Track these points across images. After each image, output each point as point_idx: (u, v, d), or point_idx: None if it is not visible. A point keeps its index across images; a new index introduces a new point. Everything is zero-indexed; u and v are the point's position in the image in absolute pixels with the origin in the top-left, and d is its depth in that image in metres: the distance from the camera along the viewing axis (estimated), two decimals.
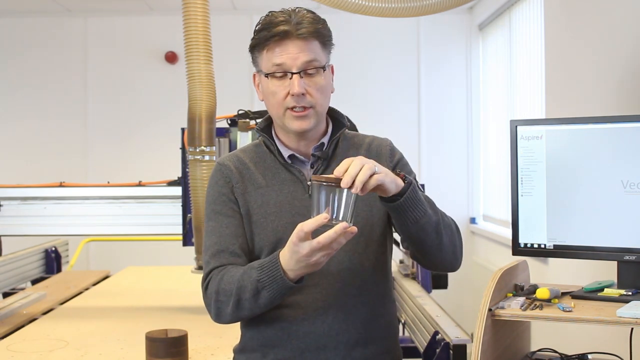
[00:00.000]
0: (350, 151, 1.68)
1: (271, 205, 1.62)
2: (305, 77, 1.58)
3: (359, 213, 1.55)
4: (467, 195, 6.09)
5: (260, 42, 1.61)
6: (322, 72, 1.60)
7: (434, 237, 1.56)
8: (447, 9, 3.37)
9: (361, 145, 1.70)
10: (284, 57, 1.58)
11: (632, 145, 1.76)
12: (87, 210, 3.23)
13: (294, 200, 1.62)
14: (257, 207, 1.63)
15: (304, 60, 1.57)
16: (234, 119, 2.98)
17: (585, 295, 1.74)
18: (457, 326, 2.39)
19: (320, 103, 1.61)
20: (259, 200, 1.63)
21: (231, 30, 6.06)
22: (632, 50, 2.88)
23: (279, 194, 1.63)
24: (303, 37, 1.57)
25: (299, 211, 1.60)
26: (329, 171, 1.63)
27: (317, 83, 1.60)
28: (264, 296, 1.51)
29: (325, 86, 1.61)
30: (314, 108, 1.60)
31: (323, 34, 1.61)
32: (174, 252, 4.19)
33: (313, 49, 1.59)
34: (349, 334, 1.60)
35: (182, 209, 3.09)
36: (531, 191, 1.89)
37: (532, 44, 4.50)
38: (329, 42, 1.64)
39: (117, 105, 6.24)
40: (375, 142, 1.72)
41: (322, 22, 1.63)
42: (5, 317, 2.80)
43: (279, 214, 1.61)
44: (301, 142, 1.65)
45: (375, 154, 1.67)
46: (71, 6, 6.06)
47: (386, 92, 6.13)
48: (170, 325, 2.44)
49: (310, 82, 1.59)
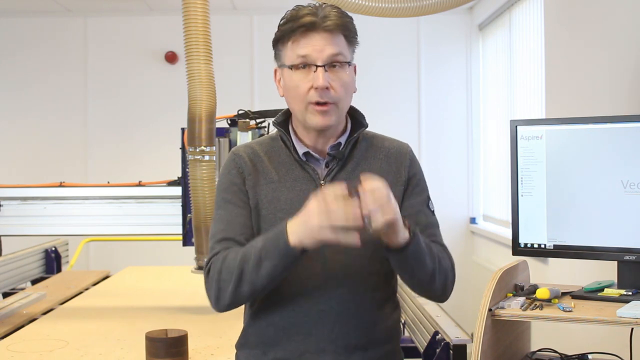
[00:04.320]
0: (368, 154, 1.65)
1: (281, 201, 1.60)
2: (330, 72, 1.55)
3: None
4: (467, 195, 6.09)
5: (286, 34, 1.57)
6: (347, 67, 1.57)
7: (425, 282, 1.57)
8: (447, 9, 3.37)
9: (380, 148, 1.67)
10: (309, 49, 1.54)
11: (632, 145, 1.76)
12: (87, 210, 3.23)
13: (304, 199, 1.56)
14: (267, 201, 1.61)
15: (330, 53, 1.54)
16: (234, 119, 2.98)
17: (585, 295, 1.74)
18: (457, 326, 2.39)
19: (343, 99, 1.58)
20: (270, 195, 1.61)
21: (231, 30, 6.06)
22: (632, 50, 2.88)
23: (291, 190, 1.61)
24: (329, 30, 1.54)
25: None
26: (343, 172, 1.61)
27: (342, 78, 1.56)
28: (266, 265, 1.47)
29: (349, 83, 1.58)
30: (337, 104, 1.57)
31: (350, 29, 1.59)
32: (174, 252, 4.19)
33: (339, 43, 1.56)
34: (349, 339, 1.59)
35: (182, 209, 3.09)
36: (531, 191, 1.89)
37: (532, 44, 4.50)
38: (355, 39, 1.61)
39: (117, 105, 6.24)
40: (396, 147, 1.68)
41: (349, 17, 1.61)
42: (5, 317, 2.80)
43: (288, 211, 1.57)
44: (319, 139, 1.62)
45: (394, 160, 1.65)
46: (71, 6, 6.06)
47: (386, 92, 6.13)
48: (170, 325, 2.44)
49: (334, 77, 1.55)
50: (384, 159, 1.64)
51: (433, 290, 1.59)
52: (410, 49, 6.17)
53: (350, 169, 1.62)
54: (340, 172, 1.61)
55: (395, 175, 1.63)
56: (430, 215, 1.64)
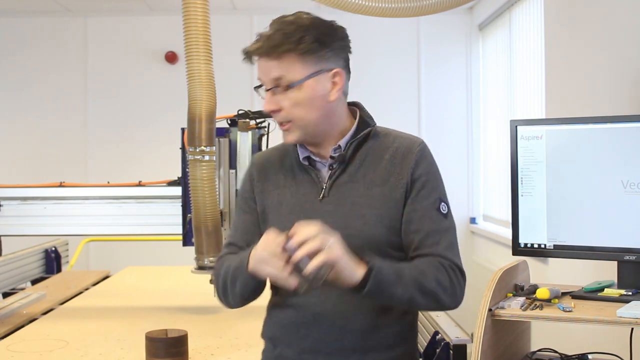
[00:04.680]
0: (374, 154, 1.62)
1: (284, 205, 1.63)
2: (278, 93, 1.57)
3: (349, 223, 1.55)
4: (467, 195, 6.09)
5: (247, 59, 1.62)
6: (297, 86, 1.54)
7: (407, 307, 1.57)
8: (447, 9, 3.37)
9: (388, 148, 1.62)
10: (260, 74, 1.58)
11: (632, 145, 1.76)
12: (87, 210, 3.22)
13: (305, 203, 1.61)
14: (272, 206, 1.65)
15: (272, 77, 1.55)
16: (234, 119, 2.98)
17: (585, 295, 1.74)
18: (457, 326, 2.39)
19: (300, 117, 1.57)
20: (275, 200, 1.65)
21: (231, 30, 6.06)
22: (632, 50, 2.88)
23: (294, 195, 1.63)
24: (268, 54, 1.54)
25: (307, 214, 1.58)
26: (345, 174, 1.60)
27: (292, 98, 1.55)
28: (239, 284, 1.58)
29: (303, 100, 1.55)
30: (293, 122, 1.57)
31: (294, 48, 1.53)
32: (174, 252, 4.18)
33: (283, 65, 1.54)
34: (345, 342, 1.59)
35: (182, 209, 3.08)
36: (531, 191, 1.89)
37: (532, 44, 4.50)
38: (313, 51, 1.55)
39: (117, 105, 6.24)
40: (404, 146, 1.62)
41: (295, 33, 1.54)
42: (5, 317, 2.80)
43: (289, 215, 1.60)
44: (319, 144, 1.64)
45: (399, 161, 1.60)
46: (71, 6, 6.06)
47: (386, 92, 6.13)
48: (170, 325, 2.44)
49: (284, 98, 1.56)
50: (389, 160, 1.61)
51: (424, 309, 1.57)
52: (410, 49, 6.17)
53: (353, 170, 1.61)
54: (342, 175, 1.61)
55: (397, 177, 1.59)
56: (438, 219, 1.58)
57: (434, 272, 1.53)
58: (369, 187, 1.59)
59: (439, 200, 1.60)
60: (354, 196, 1.59)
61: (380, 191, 1.58)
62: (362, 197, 1.58)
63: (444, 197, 1.61)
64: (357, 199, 1.59)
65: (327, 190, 1.61)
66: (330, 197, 1.60)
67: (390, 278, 1.48)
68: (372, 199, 1.58)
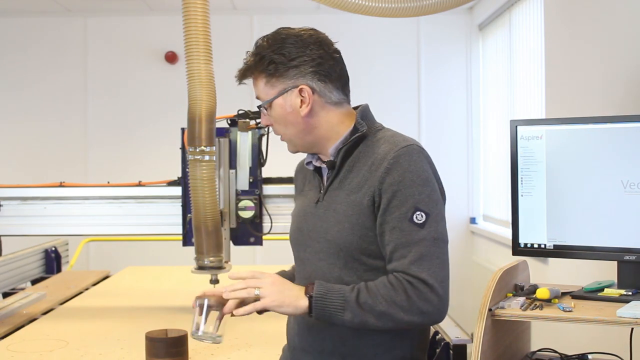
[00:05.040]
0: (360, 161, 1.62)
1: (296, 210, 1.76)
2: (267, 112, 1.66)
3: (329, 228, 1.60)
4: (467, 195, 6.09)
5: None
6: (272, 104, 1.63)
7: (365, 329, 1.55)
8: (447, 9, 3.37)
9: (372, 155, 1.61)
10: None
11: (632, 145, 1.76)
12: (87, 210, 3.22)
13: (307, 207, 1.70)
14: (293, 210, 1.79)
15: (256, 97, 1.66)
16: (234, 119, 2.98)
17: (585, 295, 1.74)
18: (457, 326, 2.39)
19: (283, 132, 1.67)
20: (295, 204, 1.79)
21: (231, 30, 6.06)
22: (633, 50, 2.88)
23: (304, 200, 1.73)
24: (243, 77, 1.66)
25: (305, 217, 1.68)
26: (336, 181, 1.65)
27: (272, 116, 1.65)
28: None
29: (277, 117, 1.64)
30: (282, 136, 1.68)
31: (258, 70, 1.62)
32: (174, 252, 4.18)
33: (257, 85, 1.65)
34: (324, 344, 1.62)
35: (182, 209, 3.08)
36: (531, 191, 1.89)
37: (532, 44, 4.50)
38: (277, 71, 1.59)
39: (117, 105, 6.24)
40: (383, 153, 1.58)
41: (259, 55, 1.61)
42: (5, 317, 2.80)
43: (294, 217, 1.75)
44: (320, 152, 1.70)
45: (375, 168, 1.57)
46: (71, 6, 6.06)
47: (386, 92, 6.13)
48: (170, 325, 2.44)
49: (269, 116, 1.67)
50: (368, 168, 1.59)
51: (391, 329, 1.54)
52: (410, 49, 6.17)
53: (343, 176, 1.65)
54: (334, 180, 1.65)
55: (369, 184, 1.57)
56: (410, 230, 1.51)
57: (386, 292, 1.50)
58: (349, 193, 1.61)
59: (413, 209, 1.51)
60: (337, 202, 1.62)
61: (355, 198, 1.59)
62: (342, 204, 1.61)
63: (422, 206, 1.52)
64: (339, 205, 1.62)
65: (322, 195, 1.66)
66: (323, 202, 1.65)
67: (336, 303, 1.50)
68: (349, 206, 1.60)
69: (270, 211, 3.00)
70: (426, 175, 1.56)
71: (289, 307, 1.52)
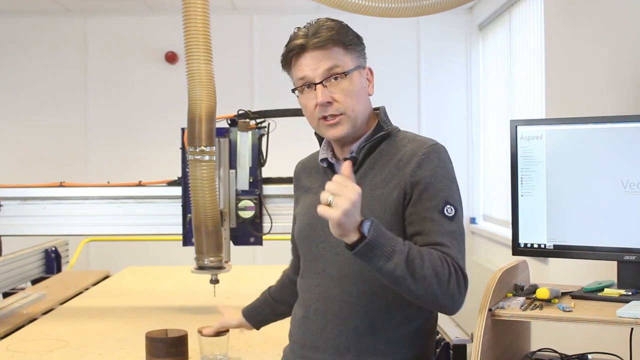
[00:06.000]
0: (383, 159, 1.64)
1: (305, 206, 1.73)
2: (330, 85, 1.60)
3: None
4: (467, 195, 6.08)
5: (285, 61, 1.66)
6: (346, 77, 1.60)
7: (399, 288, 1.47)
8: (447, 9, 3.37)
9: (397, 153, 1.64)
10: (305, 70, 1.61)
11: (632, 145, 1.76)
12: (87, 210, 3.22)
13: (313, 206, 1.59)
14: (299, 209, 1.77)
15: (324, 68, 1.59)
16: (234, 119, 2.98)
17: (585, 295, 1.74)
18: (457, 326, 2.39)
19: (352, 108, 1.61)
20: (301, 202, 1.77)
21: (231, 30, 6.06)
22: (633, 50, 2.88)
23: (313, 198, 1.70)
24: (319, 47, 1.59)
25: (314, 216, 1.58)
26: (355, 176, 1.55)
27: (344, 89, 1.60)
28: None
29: (354, 90, 1.61)
30: (345, 114, 1.61)
31: (342, 39, 1.61)
32: (174, 252, 4.19)
33: (333, 56, 1.60)
34: (340, 341, 1.60)
35: (182, 209, 3.08)
36: (531, 191, 1.89)
37: (532, 44, 4.50)
38: (354, 45, 1.64)
39: (117, 105, 6.24)
40: (412, 150, 1.61)
41: (339, 28, 1.62)
42: (5, 317, 2.80)
43: (305, 214, 1.72)
44: (345, 147, 1.68)
45: (404, 164, 1.60)
46: (71, 6, 6.06)
47: (386, 92, 6.12)
48: (170, 325, 2.44)
49: (335, 89, 1.60)
50: (395, 165, 1.62)
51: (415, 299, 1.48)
52: (410, 49, 6.17)
53: (362, 174, 1.64)
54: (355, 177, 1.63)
55: (398, 179, 1.60)
56: (443, 222, 1.54)
57: (434, 261, 1.47)
58: (372, 189, 1.61)
59: (444, 202, 1.55)
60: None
61: (381, 193, 1.60)
62: (365, 200, 1.58)
63: (451, 200, 1.56)
64: (361, 201, 1.59)
65: None
66: None
67: (385, 249, 1.41)
68: (373, 201, 1.60)
69: (270, 211, 3.00)
70: (453, 174, 1.62)
71: (340, 230, 1.38)
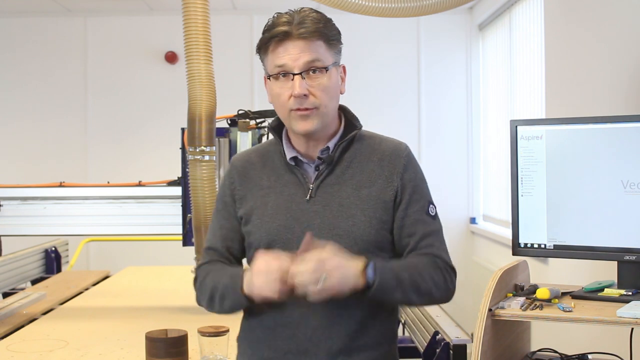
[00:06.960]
0: (361, 156, 1.64)
1: (269, 206, 1.63)
2: (308, 78, 1.56)
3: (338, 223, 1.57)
4: (467, 195, 6.08)
5: (263, 44, 1.59)
6: (326, 72, 1.57)
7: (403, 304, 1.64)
8: (447, 9, 3.37)
9: (375, 150, 1.64)
10: (285, 58, 1.55)
11: (632, 145, 1.76)
12: (87, 210, 3.22)
13: (291, 204, 1.61)
14: (256, 207, 1.64)
15: (305, 60, 1.55)
16: (234, 119, 2.98)
17: (585, 295, 1.74)
18: (457, 326, 2.38)
19: (325, 104, 1.58)
20: (259, 201, 1.64)
21: (231, 30, 6.06)
22: (633, 51, 2.88)
23: (279, 195, 1.63)
24: (304, 37, 1.55)
25: (294, 215, 1.60)
26: (332, 175, 1.61)
27: (321, 84, 1.57)
28: (227, 302, 1.60)
29: (330, 87, 1.58)
30: (318, 109, 1.57)
31: (326, 34, 1.58)
32: (174, 252, 4.19)
33: (315, 49, 1.56)
34: (332, 342, 1.58)
35: (182, 209, 3.08)
36: (531, 191, 1.89)
37: (532, 44, 4.50)
38: (335, 41, 1.61)
39: (117, 105, 6.24)
40: (391, 149, 1.65)
41: (325, 22, 1.59)
42: (5, 317, 2.80)
43: (274, 216, 1.61)
44: (309, 143, 1.63)
45: (387, 164, 1.62)
46: (71, 6, 6.06)
47: (386, 92, 6.13)
48: (170, 325, 2.44)
49: (313, 83, 1.56)
50: (377, 162, 1.62)
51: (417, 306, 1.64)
52: (410, 49, 6.17)
53: (340, 172, 1.62)
54: (329, 176, 1.62)
55: (386, 180, 1.61)
56: (430, 222, 1.62)
57: (430, 272, 1.57)
58: (357, 188, 1.60)
59: (427, 203, 1.64)
60: (342, 197, 1.60)
61: (368, 192, 1.60)
62: (349, 198, 1.59)
63: (431, 200, 1.66)
64: (345, 200, 1.59)
65: (314, 191, 1.61)
66: (317, 198, 1.60)
67: (391, 284, 1.51)
68: (360, 200, 1.59)
69: None
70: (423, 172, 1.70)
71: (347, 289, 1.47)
